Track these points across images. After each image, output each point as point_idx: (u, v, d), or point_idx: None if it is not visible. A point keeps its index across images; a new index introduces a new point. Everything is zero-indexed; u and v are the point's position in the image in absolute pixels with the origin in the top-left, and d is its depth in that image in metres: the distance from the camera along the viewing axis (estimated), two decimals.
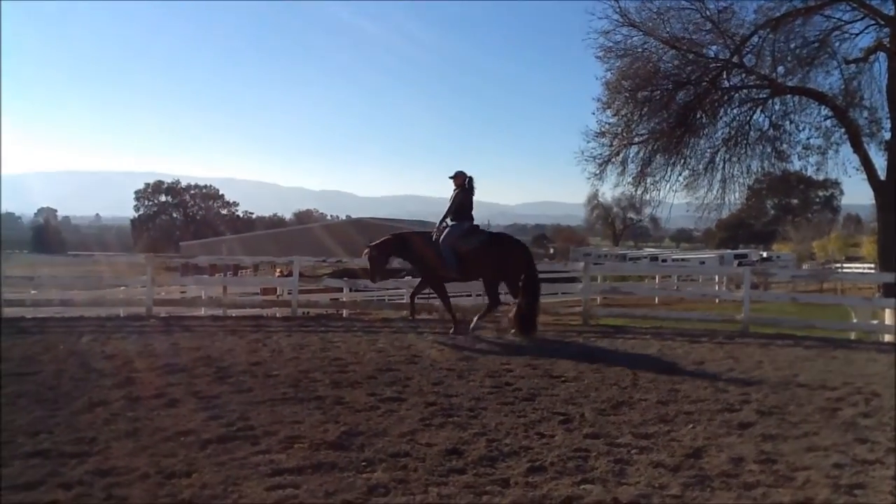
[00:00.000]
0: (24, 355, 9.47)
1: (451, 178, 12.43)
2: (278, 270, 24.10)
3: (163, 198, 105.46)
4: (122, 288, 19.72)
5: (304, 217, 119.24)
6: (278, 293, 18.72)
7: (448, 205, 12.46)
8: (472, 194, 12.41)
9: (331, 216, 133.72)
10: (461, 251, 12.04)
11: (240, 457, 5.27)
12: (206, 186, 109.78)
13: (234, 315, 15.41)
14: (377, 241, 12.70)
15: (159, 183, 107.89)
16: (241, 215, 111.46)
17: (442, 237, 12.12)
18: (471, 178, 12.34)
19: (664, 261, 60.02)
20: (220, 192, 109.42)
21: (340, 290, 19.82)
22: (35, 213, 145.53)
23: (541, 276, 20.12)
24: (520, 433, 6.05)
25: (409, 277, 15.74)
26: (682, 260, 60.95)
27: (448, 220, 12.34)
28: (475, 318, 12.41)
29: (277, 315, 16.00)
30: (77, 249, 78.66)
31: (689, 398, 7.55)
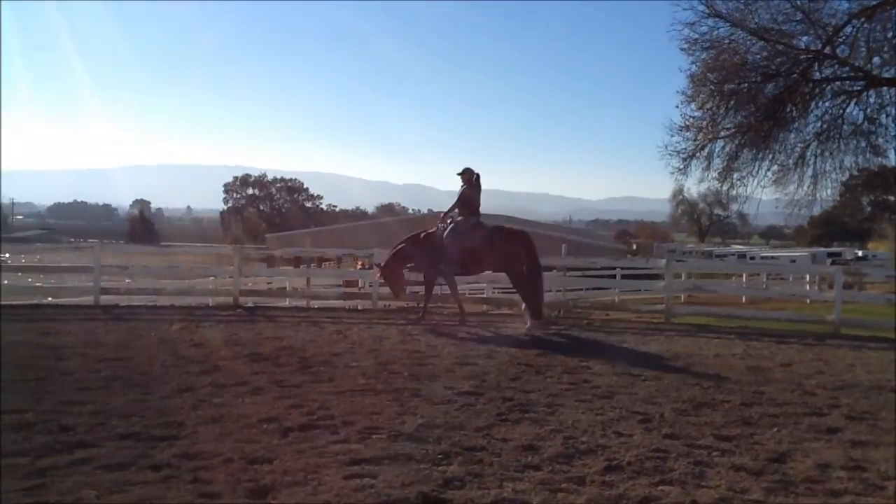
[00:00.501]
0: (118, 341, 9.91)
1: (458, 174, 12.73)
2: (360, 263, 24.42)
3: (250, 191, 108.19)
4: (211, 278, 20.34)
5: (386, 210, 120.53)
6: (360, 285, 18.97)
7: (455, 200, 12.76)
8: (479, 191, 12.74)
9: (412, 210, 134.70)
10: (465, 247, 12.27)
11: (319, 445, 5.39)
12: (291, 180, 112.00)
13: (316, 306, 15.72)
14: (386, 259, 13.14)
15: (247, 176, 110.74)
16: (325, 208, 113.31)
17: (446, 233, 12.41)
18: (478, 175, 12.69)
19: (752, 258, 58.32)
20: (305, 186, 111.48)
21: (421, 283, 19.95)
22: (130, 205, 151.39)
23: (624, 271, 19.74)
24: (597, 431, 5.99)
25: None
26: (772, 258, 59.10)
27: (454, 216, 12.67)
28: (527, 323, 12.31)
29: (359, 307, 16.25)
30: (169, 240, 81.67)
31: (774, 401, 7.34)
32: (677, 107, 20.65)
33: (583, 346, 10.71)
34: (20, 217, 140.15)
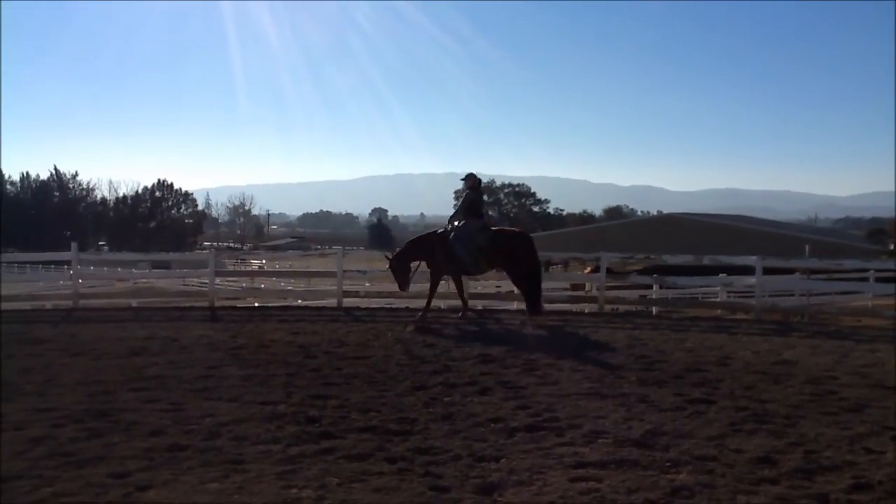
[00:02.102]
0: (358, 341, 10.60)
1: (462, 179, 13.70)
2: (587, 267, 24.30)
3: None
4: (442, 282, 21.05)
5: (613, 213, 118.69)
6: (586, 289, 18.86)
7: (459, 204, 13.67)
8: (483, 195, 13.36)
9: (641, 212, 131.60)
10: (471, 248, 12.69)
11: (545, 446, 5.45)
12: (518, 185, 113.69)
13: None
14: (396, 252, 13.90)
15: None
16: (552, 212, 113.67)
17: (452, 236, 12.84)
18: (479, 180, 13.67)
19: None
20: (532, 190, 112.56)
21: (649, 286, 19.51)
22: (369, 214, 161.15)
23: (878, 274, 18.09)
24: (843, 446, 5.55)
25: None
26: None
27: (459, 220, 13.13)
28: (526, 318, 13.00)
29: (585, 311, 16.15)
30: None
31: None
32: None
33: (827, 354, 9.92)
34: (274, 227, 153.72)
